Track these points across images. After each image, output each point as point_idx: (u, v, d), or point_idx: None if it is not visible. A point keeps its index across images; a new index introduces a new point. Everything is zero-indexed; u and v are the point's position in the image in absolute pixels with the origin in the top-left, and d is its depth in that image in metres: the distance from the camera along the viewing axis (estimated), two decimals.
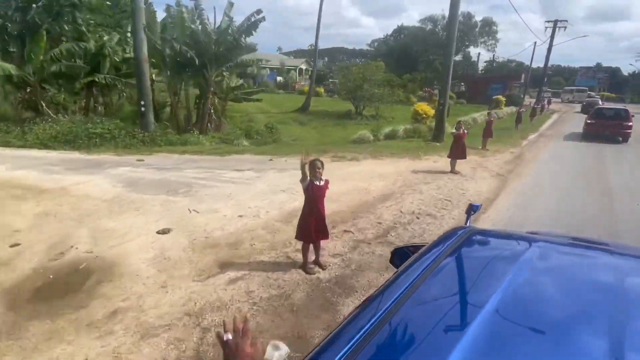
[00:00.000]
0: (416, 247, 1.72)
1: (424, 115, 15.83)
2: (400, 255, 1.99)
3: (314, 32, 27.43)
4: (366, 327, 1.00)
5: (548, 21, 35.71)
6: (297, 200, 6.44)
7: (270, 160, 9.73)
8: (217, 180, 7.66)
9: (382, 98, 22.68)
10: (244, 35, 11.49)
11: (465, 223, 2.25)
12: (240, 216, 5.64)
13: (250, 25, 11.44)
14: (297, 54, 79.96)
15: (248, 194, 6.74)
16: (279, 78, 45.77)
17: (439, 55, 49.77)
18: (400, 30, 64.48)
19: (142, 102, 10.48)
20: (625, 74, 73.77)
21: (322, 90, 37.70)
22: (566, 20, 35.17)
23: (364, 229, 5.36)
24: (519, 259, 1.39)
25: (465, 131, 8.89)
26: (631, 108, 22.34)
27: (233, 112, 21.87)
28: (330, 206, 6.28)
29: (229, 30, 11.36)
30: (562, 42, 66.44)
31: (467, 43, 58.91)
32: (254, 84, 43.40)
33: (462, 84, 44.10)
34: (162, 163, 8.96)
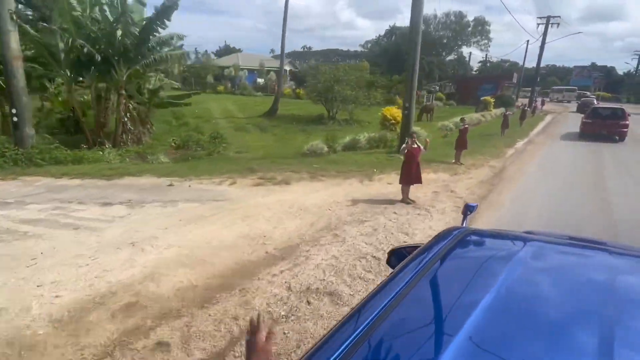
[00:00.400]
0: (413, 248, 1.68)
1: (393, 121, 13.55)
2: (397, 256, 1.97)
3: (309, 34, 25.70)
4: (361, 328, 0.99)
5: (540, 17, 33.86)
6: (137, 265, 4.16)
7: (170, 185, 7.43)
8: (57, 223, 5.35)
9: (357, 100, 20.44)
10: (156, 26, 9.21)
11: (462, 224, 2.22)
12: None
13: (161, 13, 9.15)
14: (292, 55, 78.46)
15: (72, 252, 4.43)
16: (259, 80, 43.41)
17: (427, 54, 47.93)
18: (392, 30, 62.78)
19: (14, 111, 8.15)
20: (620, 72, 72.10)
21: (301, 92, 35.44)
22: (559, 16, 33.33)
23: (198, 337, 3.06)
24: (513, 258, 1.39)
25: (422, 147, 6.63)
26: (629, 108, 20.86)
27: (190, 118, 19.69)
28: (182, 275, 3.99)
29: (129, 19, 9.02)
30: (556, 39, 64.37)
31: (459, 43, 57.67)
32: (232, 86, 41.15)
33: (451, 84, 42.01)
34: (10, 193, 6.65)
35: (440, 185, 7.98)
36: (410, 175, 6.52)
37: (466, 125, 9.89)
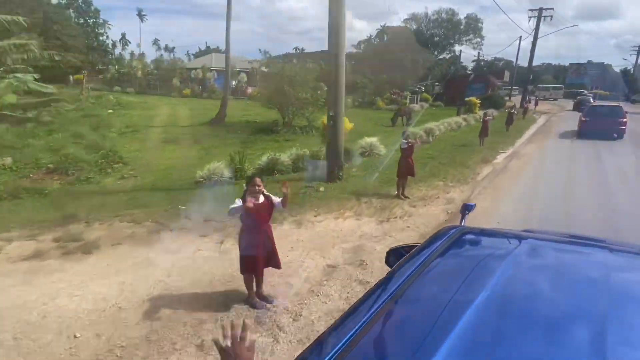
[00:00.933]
0: (411, 247, 1.67)
1: None
2: (395, 255, 1.96)
3: (306, 36, 22.94)
4: (358, 326, 0.99)
5: (532, 10, 30.97)
6: None
7: None
8: None
9: (316, 104, 17.31)
10: None
11: (460, 223, 2.22)
12: None
13: None
14: (289, 57, 76.23)
15: None
16: (233, 82, 40.18)
17: (419, 53, 45.05)
18: (383, 30, 60.63)
19: None
20: (617, 70, 69.28)
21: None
22: (552, 8, 30.46)
23: None
24: (509, 256, 1.38)
25: (276, 201, 3.49)
26: (628, 107, 18.66)
27: (117, 129, 16.63)
28: None
29: None
30: (551, 33, 61.40)
31: (451, 41, 55.64)
32: (201, 89, 37.88)
33: (438, 84, 39.02)
34: None
35: (352, 246, 4.88)
36: (255, 259, 3.38)
37: (410, 143, 6.76)
